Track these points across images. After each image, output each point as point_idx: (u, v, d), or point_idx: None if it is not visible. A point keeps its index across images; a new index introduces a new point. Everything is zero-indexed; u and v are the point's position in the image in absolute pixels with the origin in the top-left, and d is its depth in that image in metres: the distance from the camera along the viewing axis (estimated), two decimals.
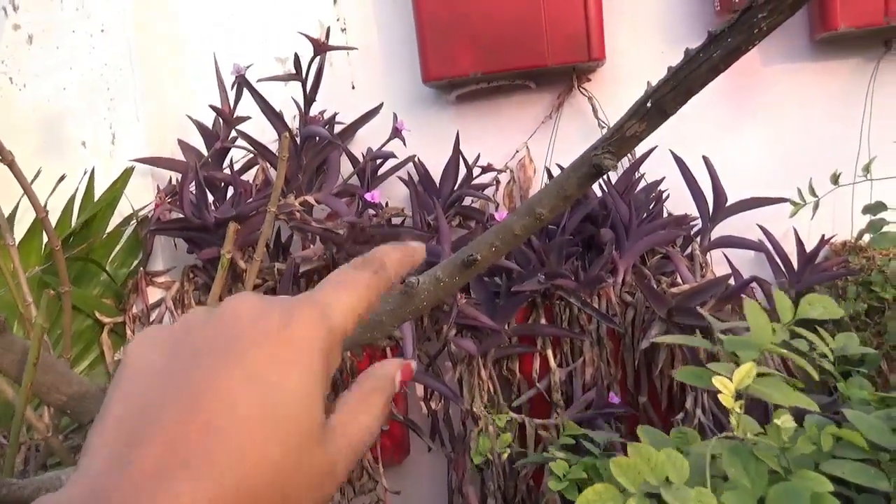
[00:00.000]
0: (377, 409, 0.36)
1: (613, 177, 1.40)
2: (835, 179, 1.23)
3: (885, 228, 1.14)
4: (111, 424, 0.29)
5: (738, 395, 0.71)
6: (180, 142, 1.48)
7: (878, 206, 1.17)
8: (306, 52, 1.34)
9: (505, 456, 1.16)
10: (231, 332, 0.31)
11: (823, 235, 1.34)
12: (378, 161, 1.47)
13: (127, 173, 1.45)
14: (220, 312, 0.31)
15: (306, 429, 0.30)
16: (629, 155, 1.47)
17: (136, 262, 1.47)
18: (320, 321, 0.32)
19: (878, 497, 0.77)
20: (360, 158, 1.45)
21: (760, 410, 1.11)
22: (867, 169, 1.22)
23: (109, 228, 1.43)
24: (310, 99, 1.35)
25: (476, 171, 1.46)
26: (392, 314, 0.89)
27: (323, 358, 0.32)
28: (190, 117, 1.45)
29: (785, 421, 0.69)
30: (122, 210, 1.46)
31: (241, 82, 1.34)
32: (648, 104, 0.79)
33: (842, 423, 0.77)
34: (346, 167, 1.47)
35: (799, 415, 0.79)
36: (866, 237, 1.16)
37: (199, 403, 0.28)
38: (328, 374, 0.33)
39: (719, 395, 0.70)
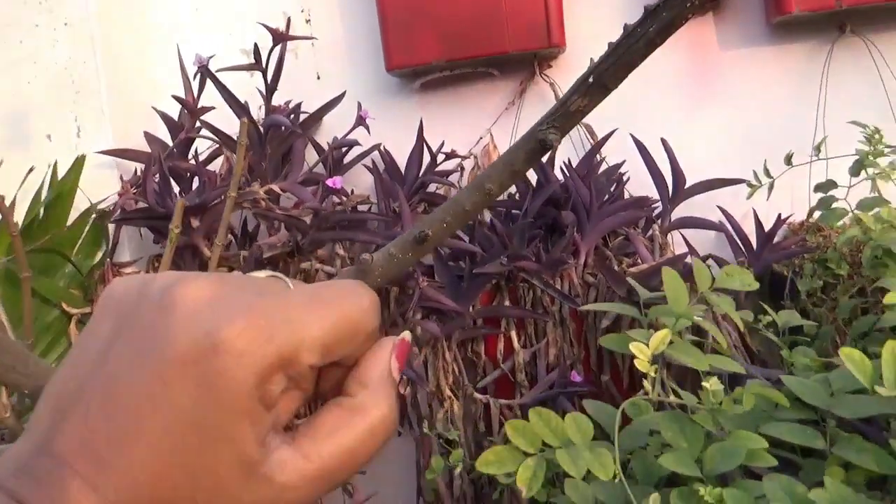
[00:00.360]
0: (379, 419, 0.33)
1: (575, 160, 1.42)
2: (788, 160, 1.26)
3: (834, 205, 1.16)
4: (57, 387, 0.30)
5: (655, 360, 0.73)
6: (146, 134, 1.49)
7: (829, 184, 1.19)
8: (270, 43, 1.35)
9: (459, 469, 1.18)
10: (172, 330, 0.30)
11: (780, 215, 1.36)
12: (343, 150, 1.49)
13: (79, 162, 1.45)
14: (171, 300, 0.30)
15: (235, 453, 0.29)
16: (590, 139, 1.49)
17: (101, 254, 1.47)
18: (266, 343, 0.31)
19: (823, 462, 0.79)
20: (326, 147, 1.46)
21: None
22: (818, 149, 1.25)
23: (72, 219, 1.43)
24: (271, 88, 1.36)
25: (440, 157, 1.47)
26: None
27: (251, 407, 0.30)
28: (155, 108, 1.45)
29: (713, 384, 0.71)
30: (86, 201, 1.47)
31: (204, 72, 1.35)
32: (590, 79, 0.81)
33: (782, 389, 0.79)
34: (312, 156, 1.48)
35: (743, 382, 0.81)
36: (817, 214, 1.19)
37: (125, 400, 0.29)
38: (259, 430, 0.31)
39: (635, 360, 0.72)
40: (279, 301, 0.32)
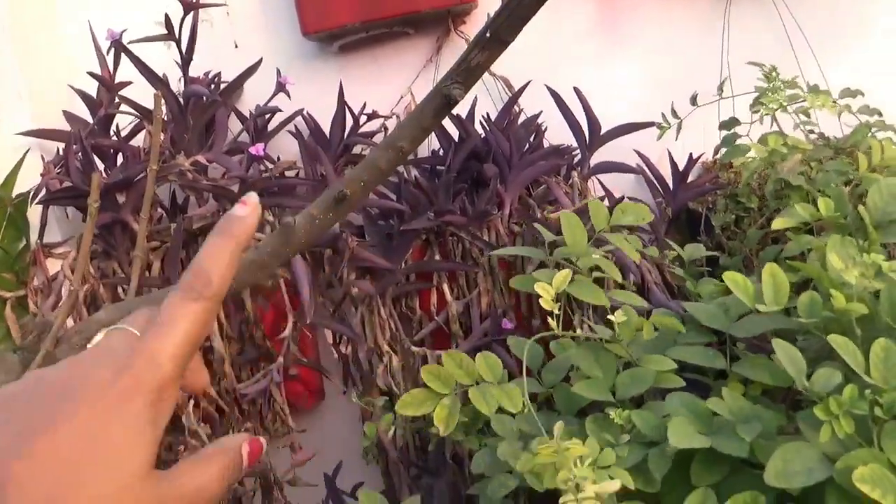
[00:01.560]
0: (215, 473, 0.41)
1: (494, 114, 1.46)
2: (693, 100, 1.31)
3: (738, 141, 1.22)
4: None
5: (558, 298, 0.78)
6: (65, 112, 1.48)
7: (732, 122, 1.25)
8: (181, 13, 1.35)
9: (391, 433, 1.23)
10: (66, 391, 0.37)
11: (691, 154, 1.42)
12: (267, 117, 1.50)
13: None
14: (58, 375, 0.38)
15: (129, 472, 0.36)
16: (507, 91, 1.53)
17: (26, 238, 1.47)
18: (147, 373, 0.38)
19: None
20: (249, 115, 1.47)
21: None
22: (721, 89, 1.30)
23: None
24: (187, 59, 1.36)
25: (363, 119, 1.49)
26: (273, 254, 0.93)
27: (150, 407, 0.38)
28: (72, 87, 1.44)
29: (618, 316, 0.76)
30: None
31: (117, 47, 1.35)
32: (488, 34, 0.84)
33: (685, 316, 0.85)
34: (236, 126, 1.49)
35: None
36: (722, 150, 1.25)
37: (32, 447, 0.34)
38: (158, 418, 0.39)
39: (540, 300, 0.77)
40: (136, 346, 0.40)
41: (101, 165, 1.39)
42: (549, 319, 0.78)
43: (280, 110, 1.46)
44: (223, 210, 1.36)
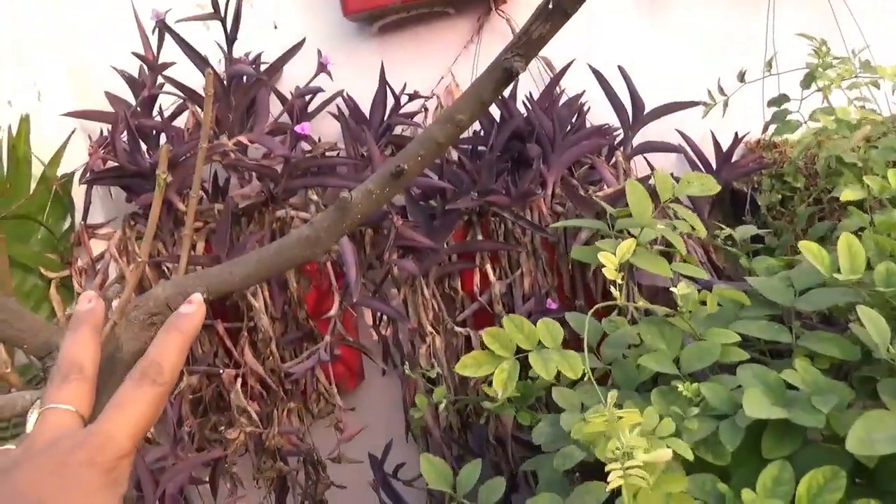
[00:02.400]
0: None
1: (536, 94, 1.45)
2: (741, 77, 1.29)
3: (788, 118, 1.20)
4: None
5: (621, 269, 0.77)
6: (107, 94, 1.48)
7: (781, 98, 1.23)
8: None
9: (442, 406, 1.22)
10: (30, 481, 0.41)
11: (737, 133, 1.41)
12: (307, 98, 1.49)
13: (24, 122, 1.44)
14: (17, 474, 0.42)
15: None
16: (549, 71, 1.51)
17: (70, 218, 1.48)
18: (101, 456, 0.43)
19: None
20: (289, 97, 1.47)
21: None
22: (769, 65, 1.28)
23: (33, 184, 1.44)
24: (231, 38, 1.36)
25: (404, 99, 1.49)
26: (329, 230, 0.93)
27: (108, 486, 0.42)
28: (114, 67, 1.45)
29: (682, 289, 0.76)
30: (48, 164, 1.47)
31: (162, 27, 1.35)
32: (550, 5, 0.84)
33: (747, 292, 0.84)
34: (276, 108, 1.49)
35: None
36: (771, 128, 1.23)
37: None
38: (117, 495, 0.43)
39: (604, 269, 0.76)
40: (97, 423, 0.47)
41: (143, 146, 1.39)
42: (612, 289, 0.77)
43: (322, 90, 1.45)
44: (266, 190, 1.37)
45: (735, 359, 0.74)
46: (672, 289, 0.77)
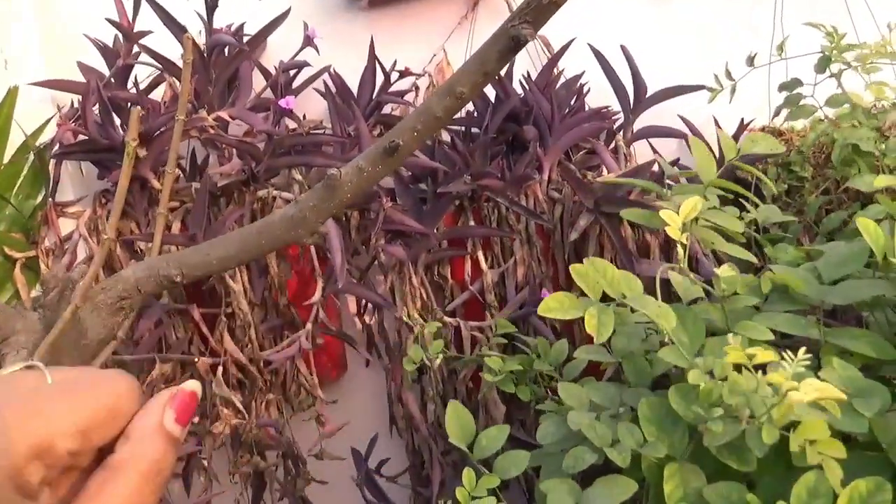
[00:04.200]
0: (134, 481, 0.34)
1: (533, 74, 1.38)
2: (750, 61, 1.23)
3: (801, 102, 1.14)
4: None
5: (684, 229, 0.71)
6: (80, 63, 1.39)
7: (794, 83, 1.17)
8: None
9: (439, 361, 1.15)
10: None
11: (742, 119, 1.35)
12: (292, 73, 1.42)
13: (12, 93, 1.36)
14: None
15: None
16: (547, 51, 1.45)
17: (42, 194, 1.39)
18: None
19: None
20: (273, 71, 1.39)
21: None
22: (781, 48, 1.23)
23: (7, 158, 1.35)
24: (212, 5, 1.28)
25: (394, 76, 1.42)
26: (315, 210, 0.87)
27: None
28: (87, 36, 1.36)
29: (725, 270, 0.69)
30: (18, 139, 1.38)
31: None
32: None
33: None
34: (258, 83, 1.41)
35: None
36: (783, 113, 1.17)
37: None
38: None
39: (667, 228, 0.70)
40: (27, 395, 0.34)
41: (117, 120, 1.31)
42: (679, 249, 0.70)
43: (309, 64, 1.38)
44: (247, 168, 1.29)
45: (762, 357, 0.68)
46: (717, 270, 0.70)
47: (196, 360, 1.18)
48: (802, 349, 0.55)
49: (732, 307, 0.72)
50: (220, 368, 1.17)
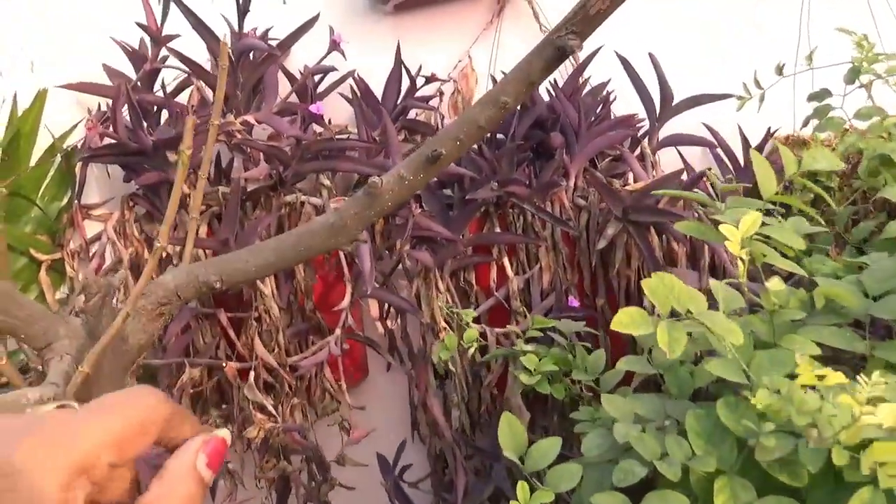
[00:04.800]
0: None
1: (560, 80, 1.39)
2: (779, 70, 1.24)
3: (831, 114, 1.15)
4: None
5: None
6: (105, 66, 1.40)
7: (823, 94, 1.18)
8: None
9: (473, 350, 1.15)
10: None
11: (769, 128, 1.35)
12: (316, 79, 1.42)
13: (42, 96, 1.36)
14: None
15: None
16: (572, 58, 1.45)
17: (67, 196, 1.39)
18: None
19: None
20: (298, 76, 1.40)
21: None
22: (810, 58, 1.23)
23: (34, 159, 1.35)
24: (244, 9, 1.29)
25: (419, 81, 1.42)
26: (356, 217, 0.87)
27: None
28: (114, 39, 1.36)
29: (775, 284, 0.69)
30: (47, 141, 1.38)
31: None
32: None
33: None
34: (282, 87, 1.41)
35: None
36: (812, 123, 1.17)
37: None
38: None
39: (727, 244, 0.70)
40: (62, 419, 0.36)
41: (143, 123, 1.31)
42: (739, 264, 0.70)
43: (335, 69, 1.38)
44: (274, 173, 1.29)
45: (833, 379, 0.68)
46: (768, 284, 0.70)
47: (224, 364, 1.18)
48: (877, 372, 0.55)
49: (779, 320, 0.72)
50: (252, 373, 1.17)
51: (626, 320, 0.70)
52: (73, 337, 0.79)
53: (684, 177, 1.25)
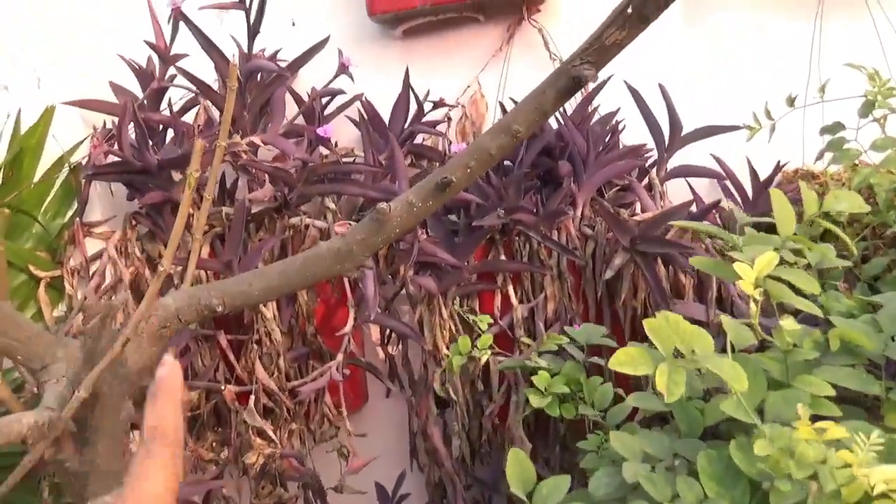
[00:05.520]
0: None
1: (569, 109, 1.38)
2: (790, 101, 1.23)
3: (846, 146, 1.13)
4: None
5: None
6: (112, 84, 1.39)
7: (837, 126, 1.16)
8: None
9: (486, 357, 1.14)
10: None
11: (779, 161, 1.34)
12: (324, 101, 1.41)
13: (49, 112, 1.35)
14: None
15: None
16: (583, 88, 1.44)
17: (70, 213, 1.38)
18: None
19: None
20: (305, 98, 1.39)
21: None
22: (822, 90, 1.22)
23: (38, 175, 1.34)
24: (254, 30, 1.28)
25: (427, 106, 1.41)
26: (363, 243, 0.85)
27: None
28: (122, 56, 1.36)
29: (789, 324, 0.68)
30: (51, 156, 1.37)
31: (179, 16, 1.26)
32: (629, 10, 0.76)
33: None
34: (290, 110, 1.41)
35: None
36: (827, 157, 1.16)
37: None
38: None
39: (740, 283, 0.68)
40: None
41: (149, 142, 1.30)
42: (752, 305, 0.69)
43: (343, 92, 1.38)
44: (279, 195, 1.28)
45: (824, 413, 0.66)
46: (781, 321, 0.68)
47: (223, 387, 1.17)
48: (876, 432, 0.54)
49: (792, 360, 0.70)
50: (252, 397, 1.15)
51: (625, 359, 0.69)
52: (70, 359, 0.77)
53: (693, 208, 1.24)
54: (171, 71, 1.35)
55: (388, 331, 1.34)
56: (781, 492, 0.60)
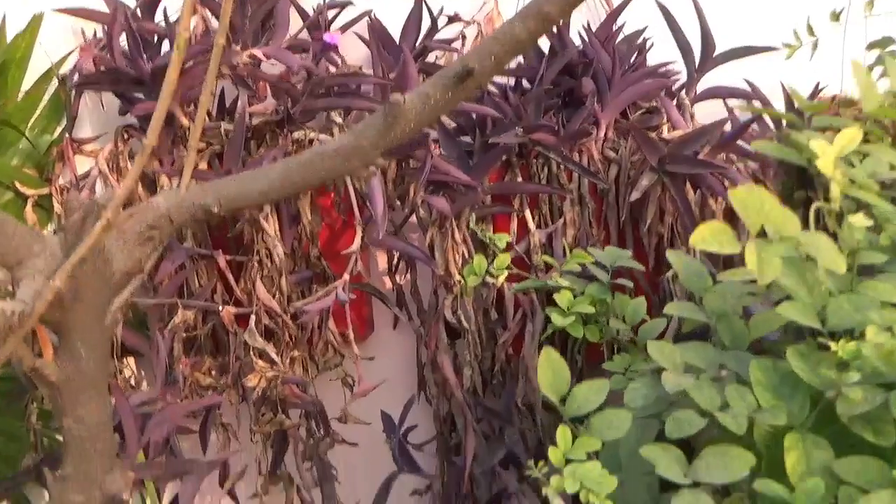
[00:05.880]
0: None
1: (593, 26, 1.29)
2: (835, 16, 1.14)
3: None
4: None
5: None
6: None
7: (886, 41, 1.08)
8: None
9: (503, 279, 1.07)
10: None
11: (818, 84, 1.26)
12: (329, 16, 1.33)
13: (36, 21, 1.27)
14: None
15: None
16: (605, 5, 1.35)
17: (59, 129, 1.31)
18: None
19: None
20: (311, 12, 1.31)
21: None
22: (871, 4, 1.14)
23: (25, 88, 1.27)
24: None
25: (441, 21, 1.33)
26: (374, 140, 0.77)
27: None
28: None
29: (858, 220, 0.60)
30: (38, 69, 1.30)
31: None
32: None
33: None
34: (294, 25, 1.32)
35: None
36: (877, 70, 1.08)
37: None
38: None
39: (818, 162, 0.61)
40: None
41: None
42: (832, 185, 0.61)
43: (352, 3, 1.29)
44: (282, 108, 1.20)
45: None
46: (850, 218, 0.61)
47: (220, 308, 1.10)
48: None
49: (859, 262, 0.63)
50: (253, 317, 1.09)
51: (708, 235, 0.60)
52: (49, 255, 0.70)
53: (727, 127, 1.16)
54: None
55: (395, 258, 1.27)
56: (850, 400, 0.53)
